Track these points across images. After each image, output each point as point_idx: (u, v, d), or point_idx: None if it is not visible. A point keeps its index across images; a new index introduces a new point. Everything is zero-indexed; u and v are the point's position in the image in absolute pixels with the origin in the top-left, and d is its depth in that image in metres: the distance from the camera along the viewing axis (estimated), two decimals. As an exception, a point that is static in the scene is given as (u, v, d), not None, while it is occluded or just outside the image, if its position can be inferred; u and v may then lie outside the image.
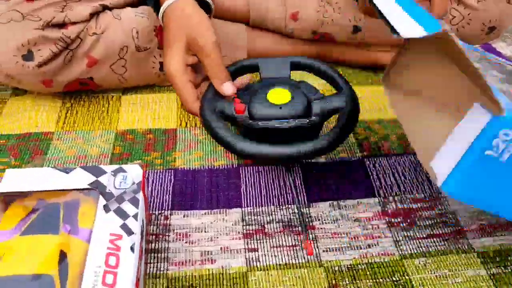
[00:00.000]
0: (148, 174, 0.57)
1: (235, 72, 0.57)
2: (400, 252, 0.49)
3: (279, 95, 0.52)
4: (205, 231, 0.51)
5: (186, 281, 0.46)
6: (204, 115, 0.52)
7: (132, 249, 0.39)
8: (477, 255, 0.49)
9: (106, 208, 0.41)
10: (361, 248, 0.49)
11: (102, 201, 0.42)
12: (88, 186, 0.43)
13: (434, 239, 0.51)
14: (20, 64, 0.59)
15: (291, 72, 0.67)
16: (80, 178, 0.44)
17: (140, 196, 0.43)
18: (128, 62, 0.65)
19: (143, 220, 0.42)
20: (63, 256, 0.39)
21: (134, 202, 0.42)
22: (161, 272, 0.47)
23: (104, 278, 0.36)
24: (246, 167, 0.59)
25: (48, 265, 0.38)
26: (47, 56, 0.59)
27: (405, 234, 0.51)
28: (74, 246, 0.41)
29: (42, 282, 0.37)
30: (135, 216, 0.41)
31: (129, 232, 0.40)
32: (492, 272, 0.47)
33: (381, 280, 0.46)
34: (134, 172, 0.45)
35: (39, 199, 0.44)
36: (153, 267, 0.47)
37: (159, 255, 0.48)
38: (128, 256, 0.38)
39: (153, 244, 0.49)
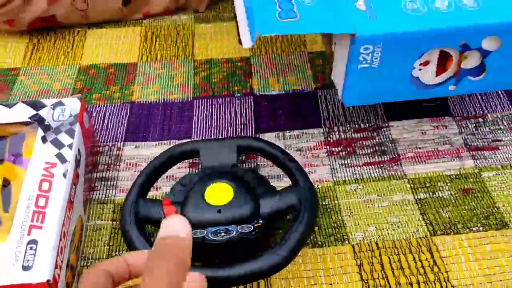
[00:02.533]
0: (106, 108, 0.60)
1: (171, 159, 0.47)
2: (335, 179, 0.52)
3: (219, 193, 0.42)
4: (153, 161, 0.54)
5: (131, 206, 0.50)
6: (123, 222, 0.42)
7: (64, 175, 0.42)
8: (408, 181, 0.51)
9: (44, 139, 0.45)
10: (298, 176, 0.52)
11: (40, 132, 0.45)
12: (28, 120, 0.46)
13: (370, 166, 0.53)
14: None
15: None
16: (22, 112, 0.47)
17: (76, 127, 0.46)
18: (89, -2, 0.66)
19: (79, 150, 0.46)
20: (6, 183, 0.43)
21: (70, 133, 0.45)
22: (108, 198, 0.51)
23: (37, 201, 0.40)
24: (200, 100, 0.61)
25: (-9, 191, 0.43)
26: None
27: (343, 162, 0.53)
28: (19, 174, 0.44)
29: (-15, 206, 0.42)
30: (70, 146, 0.44)
31: (63, 160, 0.43)
32: (419, 197, 0.50)
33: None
34: (73, 105, 0.47)
35: (-12, 132, 0.47)
36: (102, 194, 0.51)
37: (108, 183, 0.52)
38: (60, 182, 0.42)
39: (104, 173, 0.53)
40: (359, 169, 0.53)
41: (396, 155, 0.54)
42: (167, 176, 0.53)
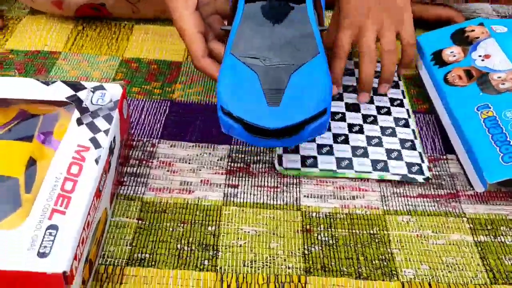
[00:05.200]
0: (144, 103, 0.56)
1: None
2: (385, 208, 0.47)
3: None
4: (189, 163, 0.50)
5: (160, 207, 0.46)
6: None
7: (96, 161, 0.38)
8: (467, 221, 0.46)
9: (79, 121, 0.41)
10: (344, 199, 0.47)
11: (76, 114, 0.42)
12: (65, 100, 0.43)
13: (425, 199, 0.48)
14: None
15: None
16: (60, 91, 0.44)
17: (115, 113, 0.42)
18: (142, -10, 0.64)
19: (114, 137, 0.42)
20: (32, 162, 0.40)
21: (108, 118, 0.42)
22: (137, 195, 0.46)
23: (63, 184, 0.36)
24: (244, 107, 0.57)
25: (15, 169, 0.39)
26: None
27: (395, 190, 0.48)
28: (46, 155, 0.41)
29: (8, 184, 0.38)
30: (106, 132, 0.41)
31: (97, 146, 0.39)
32: (479, 240, 0.44)
33: (357, 231, 0.44)
34: (114, 91, 0.44)
35: (21, 110, 0.44)
36: (131, 190, 0.47)
37: (139, 179, 0.48)
38: (92, 167, 0.38)
39: (135, 169, 0.49)
40: (412, 200, 0.48)
41: (455, 191, 0.48)
42: (201, 181, 0.48)
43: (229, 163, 0.50)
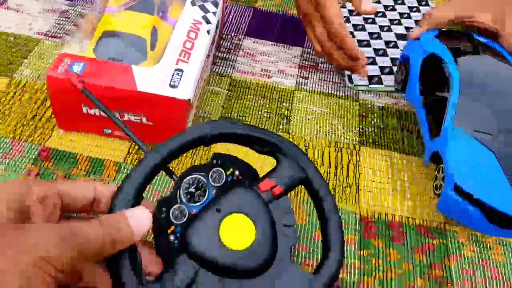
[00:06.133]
0: (232, 7, 0.66)
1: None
2: (429, 108, 0.56)
3: (237, 231, 0.32)
4: (268, 56, 0.60)
5: (245, 84, 0.56)
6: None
7: (208, 32, 0.49)
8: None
9: (193, 3, 0.51)
10: (394, 98, 0.57)
11: (190, -3, 0.52)
12: (182, -16, 0.53)
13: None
14: None
15: None
16: (177, -23, 0.54)
17: (220, 1, 0.52)
18: None
19: (219, 21, 0.52)
20: (154, 29, 0.50)
21: (215, 4, 0.52)
22: (227, 73, 0.57)
23: (184, 43, 0.47)
24: (316, 19, 0.66)
25: (143, 32, 0.50)
26: None
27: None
28: (164, 26, 0.51)
29: (138, 41, 0.49)
30: (214, 13, 0.51)
31: (208, 22, 0.50)
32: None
33: (404, 122, 0.54)
34: (219, -17, 0.54)
35: (142, -8, 0.54)
36: (221, 69, 0.57)
37: (228, 62, 0.58)
38: (204, 36, 0.48)
39: (225, 55, 0.59)
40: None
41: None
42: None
43: (302, 61, 0.60)
